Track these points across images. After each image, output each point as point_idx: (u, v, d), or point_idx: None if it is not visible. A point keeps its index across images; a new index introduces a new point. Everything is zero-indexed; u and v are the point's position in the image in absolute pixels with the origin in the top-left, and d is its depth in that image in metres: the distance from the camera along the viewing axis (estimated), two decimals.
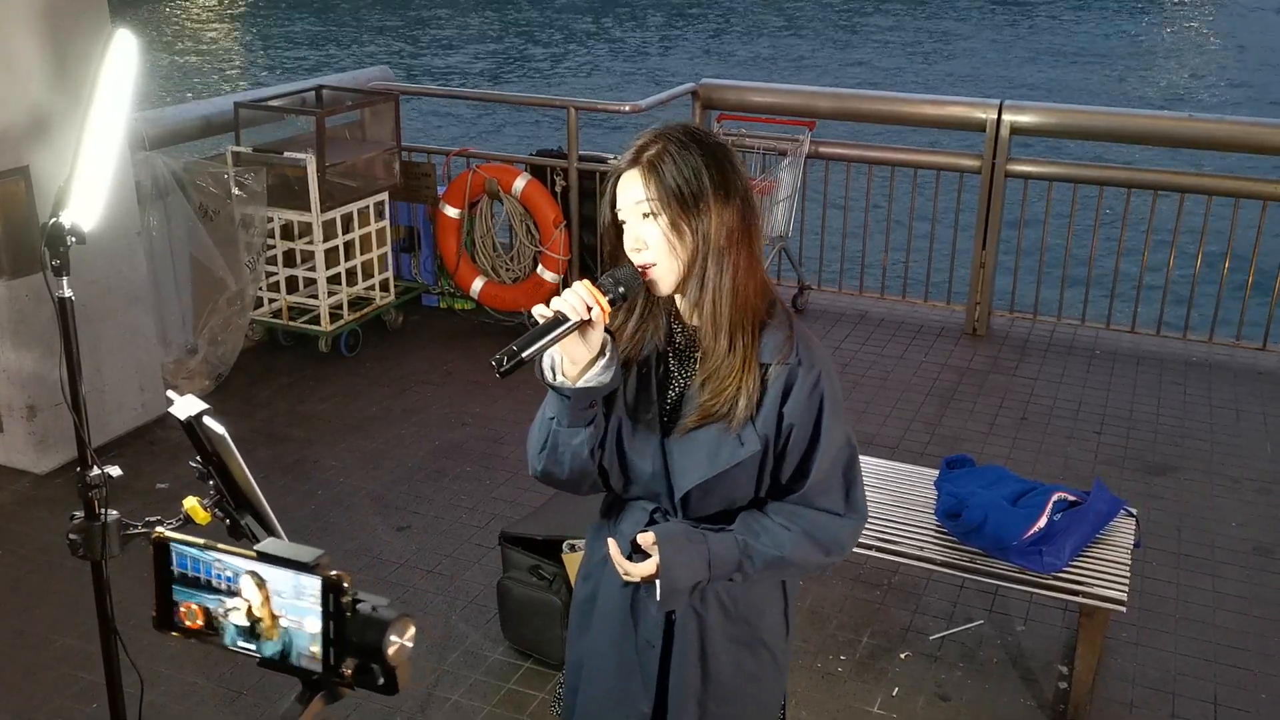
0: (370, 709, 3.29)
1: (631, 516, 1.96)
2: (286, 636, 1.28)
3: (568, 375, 1.75)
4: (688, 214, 1.76)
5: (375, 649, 1.24)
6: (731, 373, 1.80)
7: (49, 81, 4.19)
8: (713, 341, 1.81)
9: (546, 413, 1.82)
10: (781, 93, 6.65)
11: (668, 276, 1.79)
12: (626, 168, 1.79)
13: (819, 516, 1.89)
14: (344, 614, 1.24)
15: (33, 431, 4.45)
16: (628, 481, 1.92)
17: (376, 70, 6.77)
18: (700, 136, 1.81)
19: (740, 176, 1.82)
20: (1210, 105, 16.70)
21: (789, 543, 1.87)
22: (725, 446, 1.82)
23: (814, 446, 1.84)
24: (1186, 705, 3.34)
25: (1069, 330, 6.03)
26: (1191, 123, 5.81)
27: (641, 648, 1.98)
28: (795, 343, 1.83)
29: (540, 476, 1.90)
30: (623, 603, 1.98)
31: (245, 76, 20.03)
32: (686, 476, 1.86)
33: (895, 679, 3.44)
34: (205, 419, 1.69)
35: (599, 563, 2.01)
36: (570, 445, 1.81)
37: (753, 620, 1.99)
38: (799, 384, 1.82)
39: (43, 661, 3.47)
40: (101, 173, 1.98)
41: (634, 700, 2.00)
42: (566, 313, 1.69)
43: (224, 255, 5.25)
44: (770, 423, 1.82)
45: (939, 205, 6.35)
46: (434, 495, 4.43)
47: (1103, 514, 3.30)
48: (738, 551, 1.86)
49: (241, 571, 1.28)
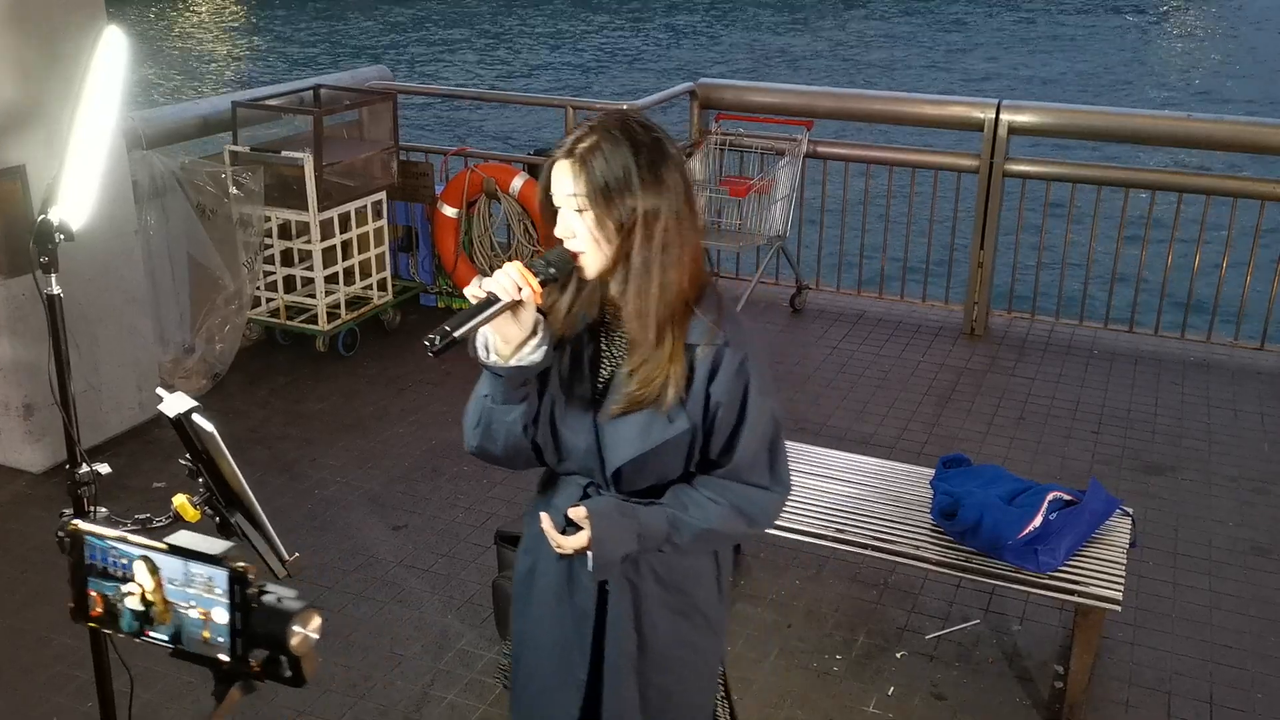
0: (366, 708, 3.29)
1: (565, 491, 2.02)
2: (178, 620, 1.32)
3: (500, 354, 1.82)
4: (614, 211, 1.80)
5: (279, 640, 1.27)
6: (659, 364, 1.86)
7: (45, 80, 4.19)
8: (640, 334, 1.86)
9: (480, 390, 1.90)
10: (779, 92, 6.66)
11: (594, 264, 1.85)
12: (560, 157, 1.83)
13: (746, 490, 1.96)
14: (249, 605, 1.28)
15: (30, 430, 4.45)
16: (561, 457, 1.98)
17: (374, 70, 6.77)
18: (634, 131, 1.83)
19: (674, 171, 1.85)
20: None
21: (717, 515, 1.94)
22: (655, 425, 1.89)
23: (740, 424, 1.92)
24: (1182, 705, 3.34)
25: (1067, 330, 6.03)
26: (1191, 123, 5.80)
27: (578, 617, 2.05)
28: (723, 325, 1.89)
29: (475, 452, 1.98)
30: (560, 575, 2.05)
31: (244, 76, 20.03)
32: (618, 453, 1.92)
33: (891, 678, 3.44)
34: (194, 416, 1.69)
35: (536, 537, 2.06)
36: (504, 422, 1.89)
37: (687, 589, 2.06)
38: (725, 364, 1.88)
39: (39, 660, 3.47)
40: (91, 171, 1.98)
41: (572, 668, 2.07)
42: (498, 293, 1.75)
43: (221, 254, 5.25)
44: (699, 402, 1.89)
45: (937, 205, 6.35)
46: (430, 494, 4.43)
47: (1098, 513, 3.30)
48: (666, 524, 1.93)
49: (135, 557, 1.31)
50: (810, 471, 3.70)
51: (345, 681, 3.40)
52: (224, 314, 5.27)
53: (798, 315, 6.23)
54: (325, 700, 3.32)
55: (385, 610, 3.74)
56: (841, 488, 3.61)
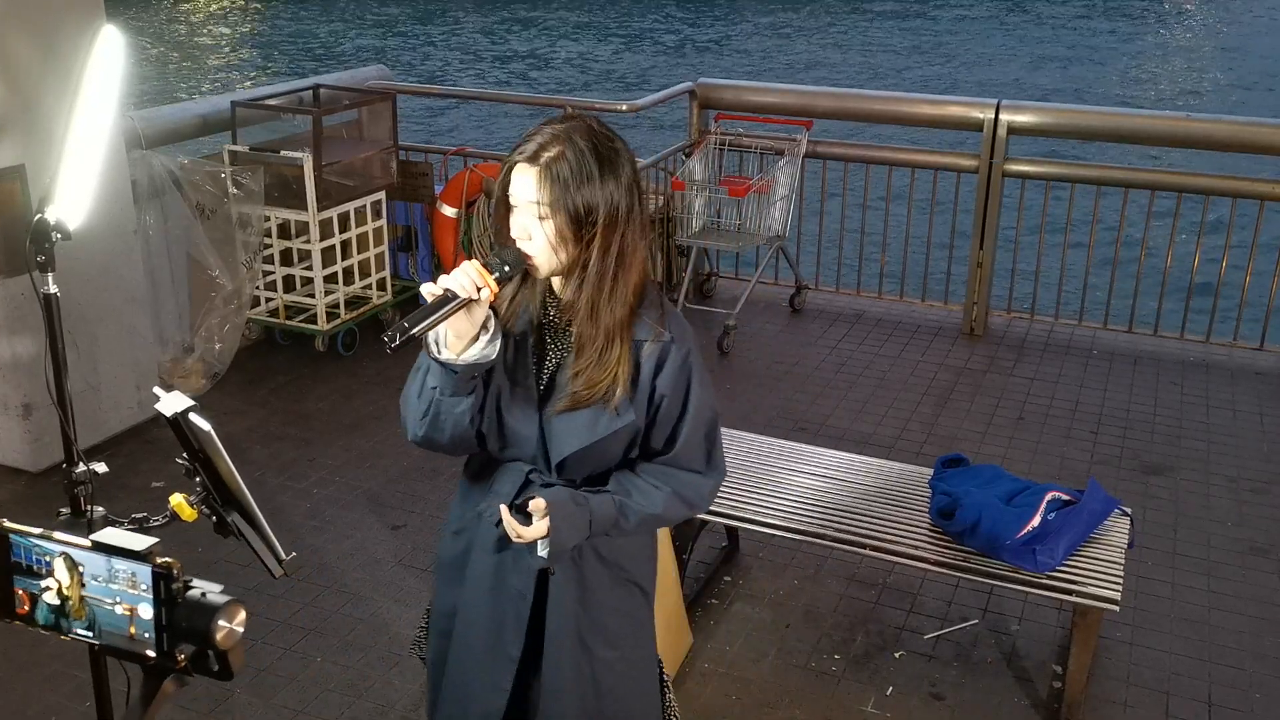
0: (364, 707, 3.29)
1: (507, 477, 2.07)
2: (91, 614, 1.34)
3: (451, 348, 1.86)
4: (576, 224, 1.85)
5: (204, 633, 1.28)
6: (607, 367, 1.92)
7: (44, 80, 4.19)
8: (590, 336, 1.91)
9: (429, 383, 1.92)
10: (779, 92, 6.65)
11: (548, 266, 1.90)
12: (522, 161, 1.86)
13: (685, 475, 2.05)
14: (174, 600, 1.29)
15: (28, 430, 4.45)
16: (504, 445, 2.03)
17: (374, 69, 6.77)
18: (599, 142, 1.87)
19: (633, 181, 1.90)
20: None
21: (661, 501, 2.03)
22: (602, 418, 1.95)
23: (684, 415, 2.01)
24: (1181, 705, 3.34)
25: (1066, 330, 6.03)
26: (1190, 123, 5.80)
27: (513, 598, 2.10)
28: (667, 322, 1.98)
29: (420, 442, 2.02)
30: (497, 556, 2.10)
31: (243, 75, 20.03)
32: (564, 443, 1.98)
33: (889, 678, 3.44)
34: (191, 415, 1.69)
35: (473, 519, 2.13)
36: (453, 414, 1.93)
37: (624, 564, 2.14)
38: (671, 359, 1.97)
39: (37, 659, 3.47)
40: (89, 170, 1.98)
41: (505, 646, 2.12)
42: (456, 291, 1.79)
43: (221, 254, 5.24)
44: (644, 395, 1.97)
45: (936, 205, 6.35)
46: (429, 494, 4.43)
47: (1097, 513, 3.30)
48: (615, 511, 2.00)
49: (55, 554, 1.33)
50: (809, 471, 3.70)
51: (343, 681, 3.40)
52: (223, 314, 5.27)
53: (797, 315, 6.23)
54: (324, 699, 3.32)
55: (384, 609, 3.74)
56: (840, 487, 3.61)
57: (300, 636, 3.60)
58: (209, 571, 3.82)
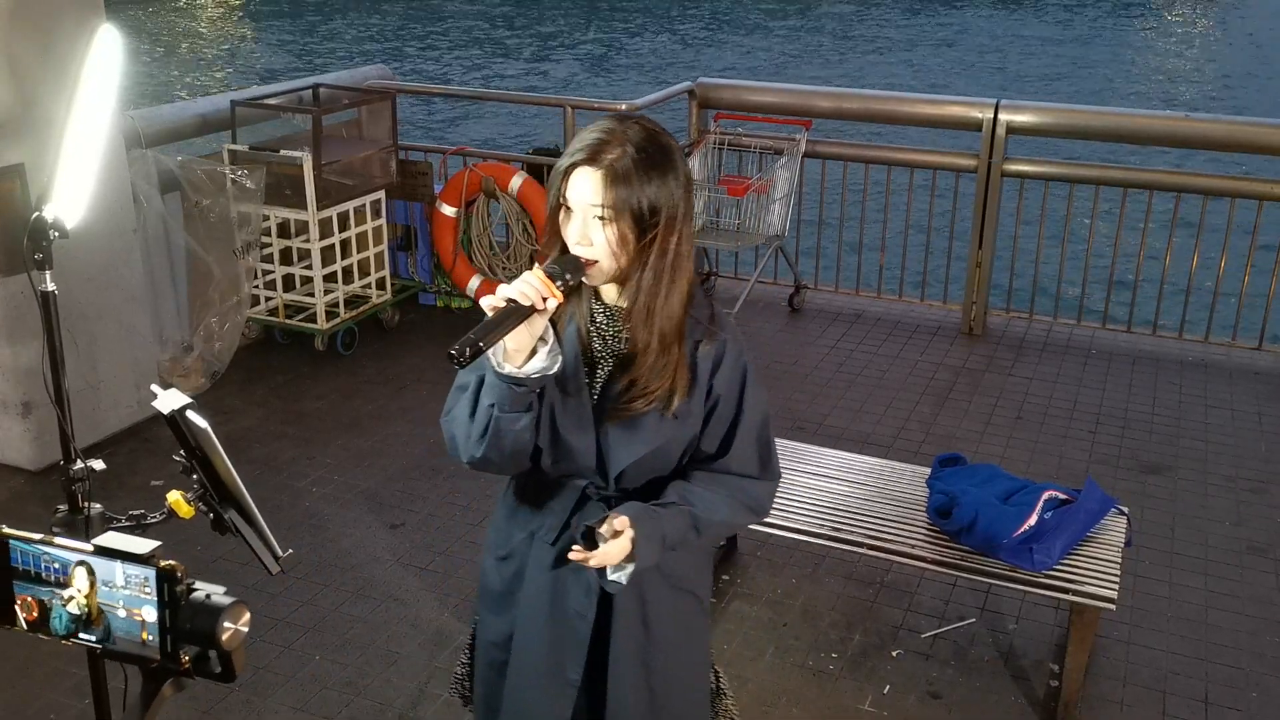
0: (362, 705, 3.29)
1: (561, 495, 2.00)
2: (105, 621, 1.33)
3: (511, 362, 1.78)
4: (639, 228, 1.80)
5: (209, 635, 1.28)
6: (664, 372, 1.86)
7: (44, 79, 4.20)
8: (645, 343, 1.86)
9: (484, 400, 1.84)
10: (778, 92, 6.66)
11: (606, 272, 1.84)
12: (584, 163, 1.79)
13: (741, 481, 1.99)
14: (178, 602, 1.29)
15: (28, 428, 4.46)
16: (557, 459, 1.96)
17: (374, 69, 6.78)
18: (655, 142, 1.82)
19: (685, 181, 1.85)
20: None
21: (725, 506, 1.97)
22: (662, 424, 1.89)
23: (738, 417, 1.95)
24: (1178, 704, 3.35)
25: (1065, 329, 6.03)
26: (1189, 122, 5.81)
27: (572, 619, 2.03)
28: (720, 321, 1.93)
29: (476, 463, 1.91)
30: (552, 578, 2.03)
31: (242, 74, 20.03)
32: (623, 453, 1.91)
33: (887, 677, 3.45)
34: (188, 413, 1.69)
35: (523, 541, 2.05)
36: (513, 430, 1.84)
37: (681, 574, 2.08)
38: (728, 358, 1.92)
39: (36, 657, 3.47)
40: (87, 168, 1.98)
41: (563, 671, 2.05)
42: (519, 301, 1.72)
43: (220, 253, 5.25)
44: (701, 395, 1.92)
45: (935, 204, 6.35)
46: (428, 493, 4.43)
47: (1094, 512, 3.30)
48: (686, 524, 1.93)
49: (72, 563, 1.33)
50: (807, 470, 3.71)
51: (341, 679, 3.41)
52: (222, 313, 5.27)
53: (796, 314, 6.24)
54: (322, 697, 3.33)
55: (382, 608, 3.75)
56: (838, 486, 3.62)
57: (298, 635, 3.60)
58: (207, 570, 3.83)
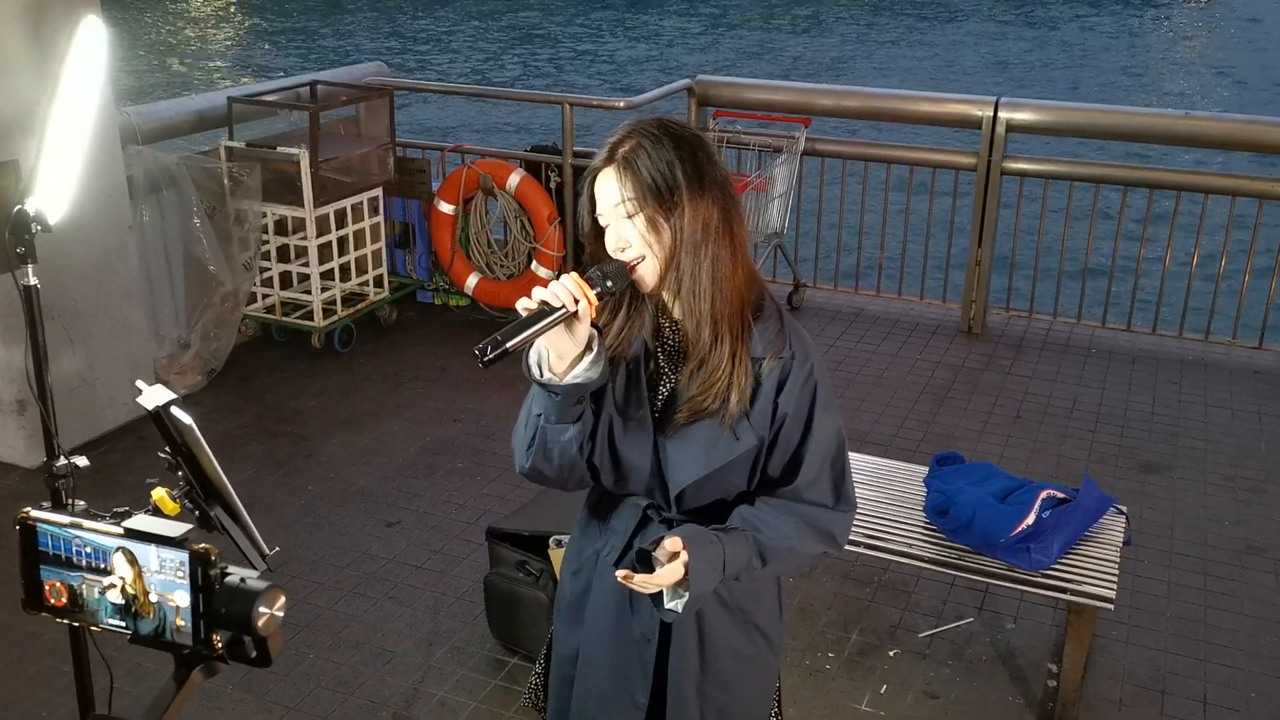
0: (355, 704, 3.28)
1: (623, 515, 1.96)
2: (161, 613, 1.31)
3: (555, 371, 1.73)
4: (664, 209, 1.76)
5: (244, 620, 1.26)
6: (720, 366, 1.80)
7: (38, 74, 4.18)
8: (696, 334, 1.81)
9: (533, 409, 1.80)
10: (777, 89, 6.64)
11: (652, 271, 1.79)
12: (602, 166, 1.78)
13: (812, 509, 1.89)
14: (212, 586, 1.26)
15: (23, 426, 4.45)
16: (618, 477, 1.90)
17: (372, 66, 6.76)
18: (674, 129, 1.80)
19: (716, 167, 1.81)
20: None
21: (793, 531, 1.87)
22: (721, 442, 1.83)
23: (806, 438, 1.86)
24: (1176, 704, 3.33)
25: (1065, 328, 6.01)
26: (1189, 121, 5.79)
27: (637, 642, 1.98)
28: (788, 336, 1.84)
29: (528, 473, 1.88)
30: (617, 598, 1.97)
31: (242, 72, 20.02)
32: (682, 472, 1.86)
33: (884, 676, 3.43)
34: (173, 409, 1.68)
35: (590, 558, 2.01)
36: (559, 442, 1.79)
37: (747, 606, 1.99)
38: (794, 375, 1.83)
39: (29, 655, 3.46)
40: (71, 162, 1.96)
41: (630, 691, 2.00)
42: (552, 303, 1.67)
43: (217, 250, 5.23)
44: (765, 416, 1.83)
45: (935, 203, 6.34)
46: (425, 491, 4.42)
47: (1091, 511, 3.28)
48: (748, 551, 1.84)
49: (111, 549, 1.29)
50: None
51: (336, 678, 3.39)
52: (219, 310, 5.26)
53: (795, 313, 6.22)
54: (316, 696, 3.31)
55: (377, 606, 3.73)
56: None
57: (292, 633, 3.58)
58: None
